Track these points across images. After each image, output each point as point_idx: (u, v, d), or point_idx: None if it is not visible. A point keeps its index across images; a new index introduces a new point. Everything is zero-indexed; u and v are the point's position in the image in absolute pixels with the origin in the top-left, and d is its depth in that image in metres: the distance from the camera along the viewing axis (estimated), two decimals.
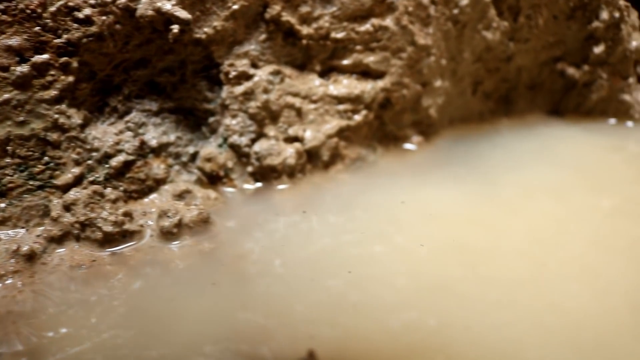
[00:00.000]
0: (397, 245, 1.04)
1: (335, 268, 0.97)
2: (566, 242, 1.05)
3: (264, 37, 1.17)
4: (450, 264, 0.98)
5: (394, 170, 1.33)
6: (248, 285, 0.93)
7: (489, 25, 1.33)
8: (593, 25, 1.41)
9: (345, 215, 1.13)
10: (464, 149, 1.41)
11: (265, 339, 0.82)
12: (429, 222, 1.11)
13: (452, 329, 0.83)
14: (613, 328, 0.84)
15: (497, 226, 1.09)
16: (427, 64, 1.27)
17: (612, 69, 1.46)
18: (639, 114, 1.51)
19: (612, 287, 0.92)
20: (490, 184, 1.26)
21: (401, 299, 0.90)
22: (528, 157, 1.41)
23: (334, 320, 0.85)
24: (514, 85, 1.49)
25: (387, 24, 1.21)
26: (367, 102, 1.22)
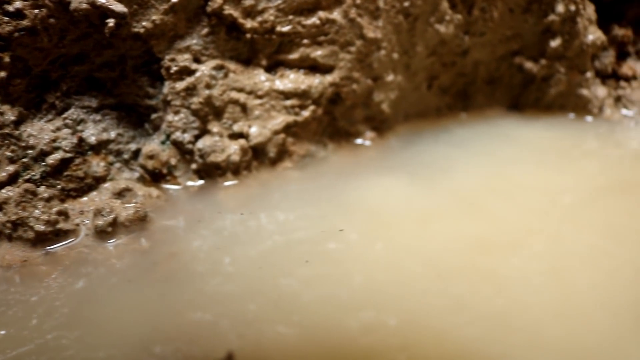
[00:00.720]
0: (351, 243, 1.04)
1: (288, 266, 0.97)
2: (526, 239, 1.06)
3: (207, 31, 1.16)
4: (407, 262, 0.98)
5: (345, 167, 1.32)
6: (196, 284, 0.93)
7: (442, 19, 1.32)
8: (549, 18, 1.41)
9: (296, 212, 1.13)
10: (419, 144, 1.42)
11: (217, 339, 0.82)
12: (383, 219, 1.11)
13: (413, 328, 0.83)
14: (578, 325, 0.85)
15: (454, 223, 1.10)
16: (378, 57, 1.27)
17: (570, 63, 1.46)
18: (598, 109, 1.51)
19: (576, 283, 0.93)
20: (446, 180, 1.27)
21: (358, 298, 0.90)
22: (485, 153, 1.42)
23: (289, 320, 0.85)
24: (472, 79, 1.49)
25: (334, 17, 1.21)
26: (314, 97, 1.22)
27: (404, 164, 1.34)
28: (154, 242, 1.04)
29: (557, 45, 1.44)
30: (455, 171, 1.31)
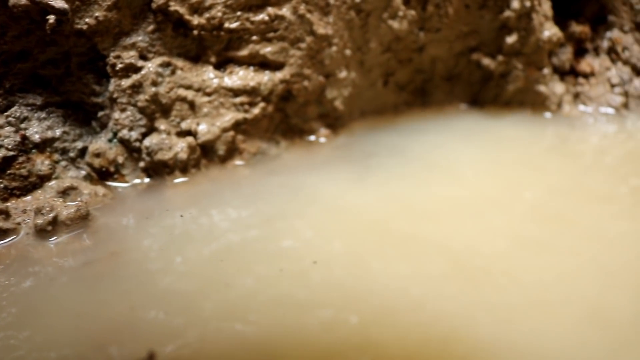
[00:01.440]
0: (308, 240, 1.05)
1: (244, 264, 0.97)
2: (488, 236, 1.06)
3: (153, 28, 1.17)
4: (367, 259, 0.98)
5: (299, 164, 1.33)
6: (149, 283, 0.93)
7: (395, 15, 1.34)
8: (505, 14, 1.43)
9: (248, 209, 1.14)
10: (374, 141, 1.43)
11: (172, 338, 0.82)
12: (339, 216, 1.13)
13: (375, 327, 0.83)
14: (545, 321, 0.86)
15: (411, 220, 1.11)
16: (329, 54, 1.28)
17: (527, 60, 1.48)
18: (556, 105, 1.53)
19: (541, 280, 0.94)
20: (402, 177, 1.28)
21: (317, 296, 0.90)
22: (443, 149, 1.43)
23: (247, 319, 0.85)
24: (430, 76, 1.51)
25: (283, 13, 1.22)
26: (264, 94, 1.23)
27: (359, 160, 1.35)
28: (98, 240, 1.05)
29: (513, 42, 1.46)
30: (412, 167, 1.32)
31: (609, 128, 1.60)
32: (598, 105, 1.60)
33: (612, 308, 0.87)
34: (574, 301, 0.88)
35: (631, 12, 1.63)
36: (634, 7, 1.62)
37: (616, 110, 1.60)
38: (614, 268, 0.96)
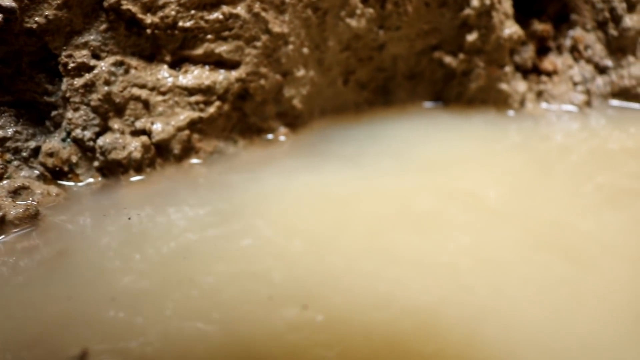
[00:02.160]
0: (268, 239, 1.06)
1: (204, 263, 0.98)
2: (453, 234, 1.08)
3: (105, 27, 1.18)
4: (329, 257, 0.99)
5: (257, 162, 1.35)
6: (107, 282, 0.94)
7: (353, 13, 1.36)
8: (465, 12, 1.46)
9: (206, 208, 1.16)
10: (334, 140, 1.44)
11: (134, 336, 0.82)
12: (299, 214, 1.14)
13: (340, 324, 0.84)
14: (511, 321, 0.87)
15: (373, 219, 1.12)
16: (286, 52, 1.30)
17: (488, 58, 1.50)
18: (519, 103, 1.55)
19: (506, 277, 0.95)
20: (363, 175, 1.30)
21: (280, 294, 0.91)
22: (404, 147, 1.45)
23: (210, 317, 0.85)
24: (392, 74, 1.52)
25: (238, 12, 1.24)
26: (219, 93, 1.24)
27: (320, 159, 1.37)
28: (48, 239, 1.05)
29: (474, 40, 1.48)
30: (374, 166, 1.34)
31: (572, 125, 1.63)
32: (561, 103, 1.62)
33: (581, 302, 0.89)
34: (543, 298, 0.90)
35: (593, 11, 1.66)
36: (596, 5, 1.65)
37: (579, 108, 1.62)
38: (583, 264, 0.98)
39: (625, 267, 0.99)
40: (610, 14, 1.64)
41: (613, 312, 0.88)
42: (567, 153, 1.53)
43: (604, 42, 1.67)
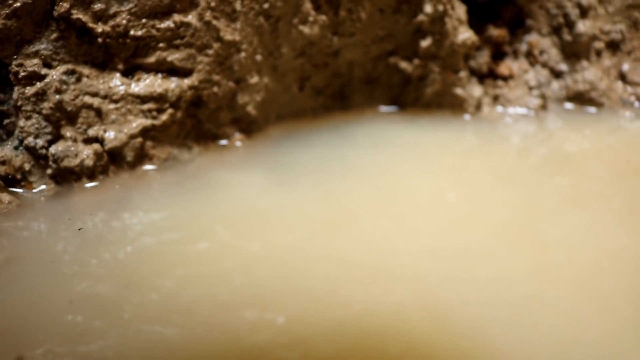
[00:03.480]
0: (226, 243, 1.10)
1: (162, 267, 1.01)
2: (413, 237, 1.11)
3: (56, 36, 1.22)
4: (289, 260, 1.03)
5: (212, 168, 1.38)
6: (64, 287, 0.96)
7: (306, 20, 1.40)
8: (419, 18, 1.51)
9: (161, 213, 1.19)
10: (290, 145, 1.48)
11: (94, 339, 0.84)
12: (256, 218, 1.18)
13: (302, 326, 0.87)
14: (479, 320, 0.90)
15: (331, 221, 1.16)
16: (238, 60, 1.34)
17: (443, 63, 1.56)
18: (474, 108, 1.61)
19: (471, 279, 0.99)
20: (319, 179, 1.34)
21: (240, 297, 0.93)
22: (362, 152, 1.48)
23: (170, 320, 0.86)
24: (348, 80, 1.57)
25: (189, 20, 1.28)
26: (172, 100, 1.28)
27: (275, 163, 1.41)
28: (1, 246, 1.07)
29: (428, 45, 1.54)
30: (329, 169, 1.38)
31: (529, 128, 1.67)
32: (517, 107, 1.68)
33: (544, 304, 0.93)
34: (506, 299, 0.94)
35: (548, 17, 1.72)
36: (550, 11, 1.71)
37: (535, 111, 1.68)
38: (546, 266, 1.02)
39: (588, 268, 1.03)
40: (564, 19, 1.70)
41: (575, 311, 0.92)
42: (525, 155, 1.57)
43: (559, 47, 1.73)
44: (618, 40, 1.73)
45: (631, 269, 1.02)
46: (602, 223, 1.19)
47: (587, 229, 1.17)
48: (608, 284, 0.98)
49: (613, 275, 1.01)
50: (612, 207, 1.26)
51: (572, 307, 0.92)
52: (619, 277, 1.00)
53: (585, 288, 0.98)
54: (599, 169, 1.49)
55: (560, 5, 1.71)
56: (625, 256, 1.06)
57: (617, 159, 1.57)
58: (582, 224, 1.19)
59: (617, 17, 1.73)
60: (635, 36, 1.75)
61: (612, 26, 1.72)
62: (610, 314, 0.91)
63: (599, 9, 1.71)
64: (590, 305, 0.93)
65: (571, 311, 0.91)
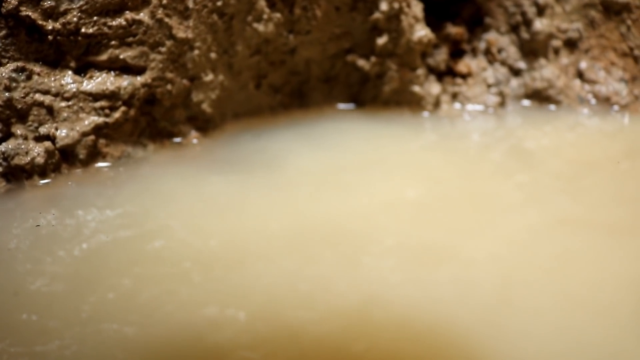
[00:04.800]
0: (183, 240, 1.11)
1: (119, 265, 1.01)
2: (374, 235, 1.13)
3: (5, 33, 1.24)
4: (247, 257, 1.03)
5: (167, 166, 1.40)
6: (18, 285, 0.96)
7: (260, 17, 1.43)
8: (375, 16, 1.54)
9: (116, 210, 1.21)
10: (247, 142, 1.50)
11: (50, 339, 0.84)
12: (212, 215, 1.19)
13: (264, 324, 0.87)
14: (442, 320, 0.92)
15: (292, 217, 1.18)
16: (191, 57, 1.36)
17: (400, 61, 1.59)
18: (433, 105, 1.64)
19: (433, 277, 1.00)
20: (277, 175, 1.36)
21: (200, 295, 0.94)
22: (320, 149, 1.50)
23: (128, 319, 0.85)
24: (306, 78, 1.60)
25: (141, 18, 1.30)
26: (124, 98, 1.31)
27: (232, 160, 1.43)
28: None
29: (384, 43, 1.57)
30: (287, 166, 1.41)
31: (489, 125, 1.70)
32: (476, 104, 1.72)
33: (511, 301, 0.95)
34: (471, 294, 0.95)
35: (506, 15, 1.76)
36: (508, 9, 1.75)
37: (493, 109, 1.72)
38: (510, 264, 1.04)
39: (553, 265, 1.05)
40: (522, 17, 1.75)
41: (541, 307, 0.94)
42: (486, 152, 1.60)
43: (517, 45, 1.77)
44: (575, 38, 1.78)
45: (596, 265, 1.05)
46: (566, 220, 1.21)
47: (551, 226, 1.19)
48: (573, 280, 1.00)
49: (578, 271, 1.03)
50: (576, 203, 1.29)
51: (538, 303, 0.94)
52: (584, 273, 1.03)
53: (550, 284, 1.00)
54: (560, 165, 1.52)
55: (518, 3, 1.75)
56: (589, 252, 1.09)
57: (577, 155, 1.60)
58: (545, 221, 1.20)
59: (574, 16, 1.78)
60: (592, 35, 1.80)
61: (569, 25, 1.77)
62: (572, 308, 0.94)
63: (556, 8, 1.76)
64: (554, 300, 0.95)
65: (537, 307, 0.93)
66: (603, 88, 1.75)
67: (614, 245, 1.10)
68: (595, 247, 1.10)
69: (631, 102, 1.73)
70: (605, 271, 1.02)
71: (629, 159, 1.60)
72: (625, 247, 1.10)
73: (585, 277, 1.02)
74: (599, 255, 1.07)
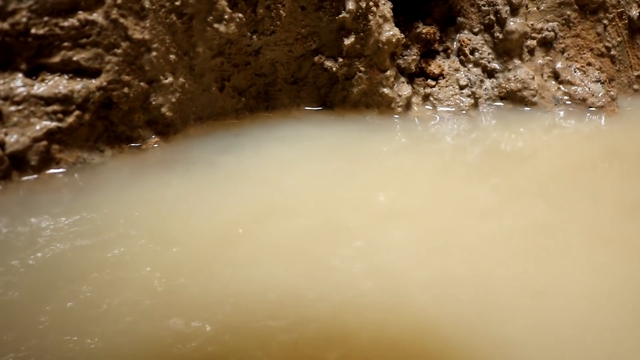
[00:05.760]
0: (143, 247, 1.08)
1: (78, 274, 0.98)
2: (343, 237, 1.12)
3: None
4: (212, 264, 1.01)
5: (126, 171, 1.37)
6: None
7: (221, 18, 1.40)
8: (341, 15, 1.50)
9: (72, 218, 1.17)
10: (210, 147, 1.48)
11: (6, 352, 0.82)
12: (173, 221, 1.16)
13: (233, 334, 0.85)
14: (412, 322, 0.91)
15: (255, 222, 1.16)
16: (149, 59, 1.33)
17: (369, 62, 1.56)
18: (403, 107, 1.61)
19: (401, 279, 0.99)
20: (241, 179, 1.34)
21: (164, 304, 0.91)
22: (287, 152, 1.49)
23: (88, 330, 0.84)
24: (272, 80, 1.57)
25: (95, 19, 1.27)
26: (78, 102, 1.27)
27: (191, 166, 1.40)
28: None
29: (352, 43, 1.54)
30: (252, 170, 1.38)
31: (462, 127, 1.69)
32: (448, 106, 1.69)
33: (489, 302, 0.94)
34: (445, 300, 0.94)
35: (479, 14, 1.73)
36: (482, 8, 1.72)
37: (466, 111, 1.69)
38: (485, 267, 1.03)
39: (531, 266, 1.05)
40: (495, 17, 1.72)
41: (517, 309, 0.94)
42: (460, 154, 1.58)
43: (491, 45, 1.74)
44: (550, 38, 1.75)
45: (575, 265, 1.06)
46: (544, 222, 1.22)
47: (529, 229, 1.19)
48: (551, 282, 1.00)
49: (557, 271, 1.04)
50: (553, 207, 1.29)
51: (513, 305, 0.94)
52: (562, 273, 1.03)
53: (528, 286, 1.00)
54: (537, 168, 1.51)
55: (491, 2, 1.73)
56: (570, 253, 1.10)
57: (554, 158, 1.59)
58: (523, 224, 1.20)
59: (549, 15, 1.75)
60: (568, 34, 1.77)
61: (544, 24, 1.75)
62: (547, 308, 0.95)
63: (531, 7, 1.73)
64: (533, 303, 0.95)
65: (512, 309, 0.94)
66: (579, 89, 1.73)
67: (591, 250, 1.11)
68: (571, 250, 1.11)
69: (607, 103, 1.71)
70: (586, 276, 1.04)
71: (607, 161, 1.59)
72: (604, 250, 1.11)
73: (569, 275, 1.03)
74: (576, 260, 1.08)
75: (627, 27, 1.79)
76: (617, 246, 1.12)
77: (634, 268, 1.05)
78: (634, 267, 1.05)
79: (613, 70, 1.79)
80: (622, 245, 1.12)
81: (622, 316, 0.92)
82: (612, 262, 1.07)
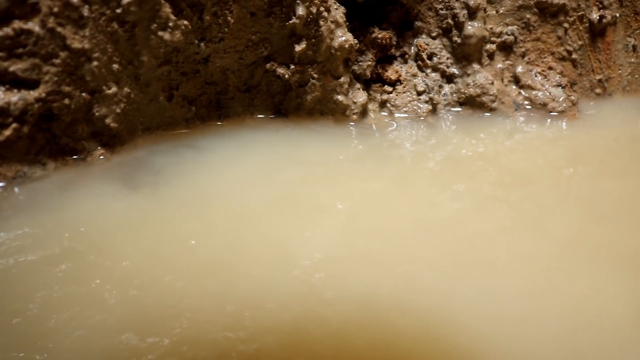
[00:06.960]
0: (92, 261, 1.07)
1: (23, 290, 0.97)
2: (302, 251, 1.11)
3: None
4: (165, 278, 1.00)
5: (69, 185, 1.36)
6: None
7: (165, 25, 1.38)
8: (292, 21, 1.49)
9: (14, 232, 1.16)
10: (159, 157, 1.47)
11: None
12: (121, 235, 1.16)
13: (192, 348, 0.84)
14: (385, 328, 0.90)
15: (208, 234, 1.15)
16: (90, 69, 1.31)
17: (322, 68, 1.55)
18: (359, 115, 1.60)
19: (363, 293, 0.99)
20: (191, 191, 1.34)
21: (117, 319, 0.91)
22: (236, 162, 1.48)
23: (45, 347, 0.84)
24: (224, 88, 1.55)
25: (30, 28, 1.25)
26: (15, 114, 1.25)
27: (139, 178, 1.39)
28: None
29: (303, 49, 1.52)
30: (203, 180, 1.38)
31: (420, 134, 1.68)
32: (405, 112, 1.67)
33: (450, 308, 0.95)
34: (411, 307, 0.95)
35: (437, 17, 1.72)
36: (439, 12, 1.71)
37: (425, 117, 1.67)
38: (452, 274, 1.04)
39: (495, 275, 1.05)
40: (453, 20, 1.71)
41: (485, 319, 0.94)
42: (419, 161, 1.57)
43: (449, 49, 1.73)
44: (510, 42, 1.75)
45: (544, 272, 1.07)
46: (510, 229, 1.22)
47: (494, 235, 1.20)
48: (518, 288, 1.02)
49: (524, 276, 1.05)
50: (519, 210, 1.30)
51: (481, 315, 0.95)
52: (530, 278, 1.05)
53: (494, 292, 1.01)
54: (499, 173, 1.51)
55: (449, 6, 1.72)
56: (537, 257, 1.11)
57: (516, 163, 1.59)
58: (488, 230, 1.21)
59: (508, 19, 1.75)
60: (528, 38, 1.77)
61: (503, 28, 1.74)
62: (513, 314, 0.96)
63: (490, 10, 1.72)
64: (499, 307, 0.97)
65: (480, 318, 0.94)
66: (540, 93, 1.73)
67: (559, 254, 1.12)
68: (549, 253, 1.13)
69: (568, 108, 1.70)
70: (554, 281, 1.05)
71: (570, 165, 1.59)
72: (571, 255, 1.12)
73: (538, 283, 1.04)
74: (543, 264, 1.09)
75: (588, 31, 1.79)
76: (585, 250, 1.14)
77: (602, 272, 1.07)
78: (602, 271, 1.07)
79: (575, 74, 1.78)
80: (589, 248, 1.14)
81: (590, 319, 0.94)
82: (579, 266, 1.08)
